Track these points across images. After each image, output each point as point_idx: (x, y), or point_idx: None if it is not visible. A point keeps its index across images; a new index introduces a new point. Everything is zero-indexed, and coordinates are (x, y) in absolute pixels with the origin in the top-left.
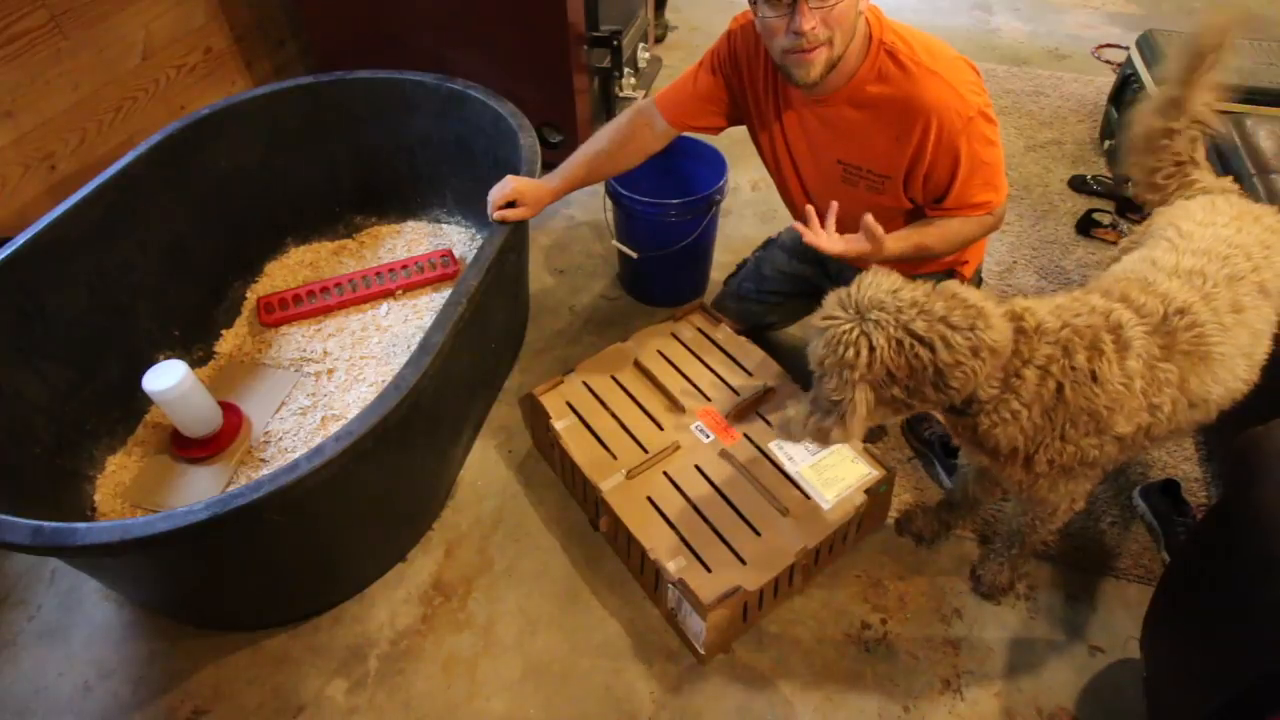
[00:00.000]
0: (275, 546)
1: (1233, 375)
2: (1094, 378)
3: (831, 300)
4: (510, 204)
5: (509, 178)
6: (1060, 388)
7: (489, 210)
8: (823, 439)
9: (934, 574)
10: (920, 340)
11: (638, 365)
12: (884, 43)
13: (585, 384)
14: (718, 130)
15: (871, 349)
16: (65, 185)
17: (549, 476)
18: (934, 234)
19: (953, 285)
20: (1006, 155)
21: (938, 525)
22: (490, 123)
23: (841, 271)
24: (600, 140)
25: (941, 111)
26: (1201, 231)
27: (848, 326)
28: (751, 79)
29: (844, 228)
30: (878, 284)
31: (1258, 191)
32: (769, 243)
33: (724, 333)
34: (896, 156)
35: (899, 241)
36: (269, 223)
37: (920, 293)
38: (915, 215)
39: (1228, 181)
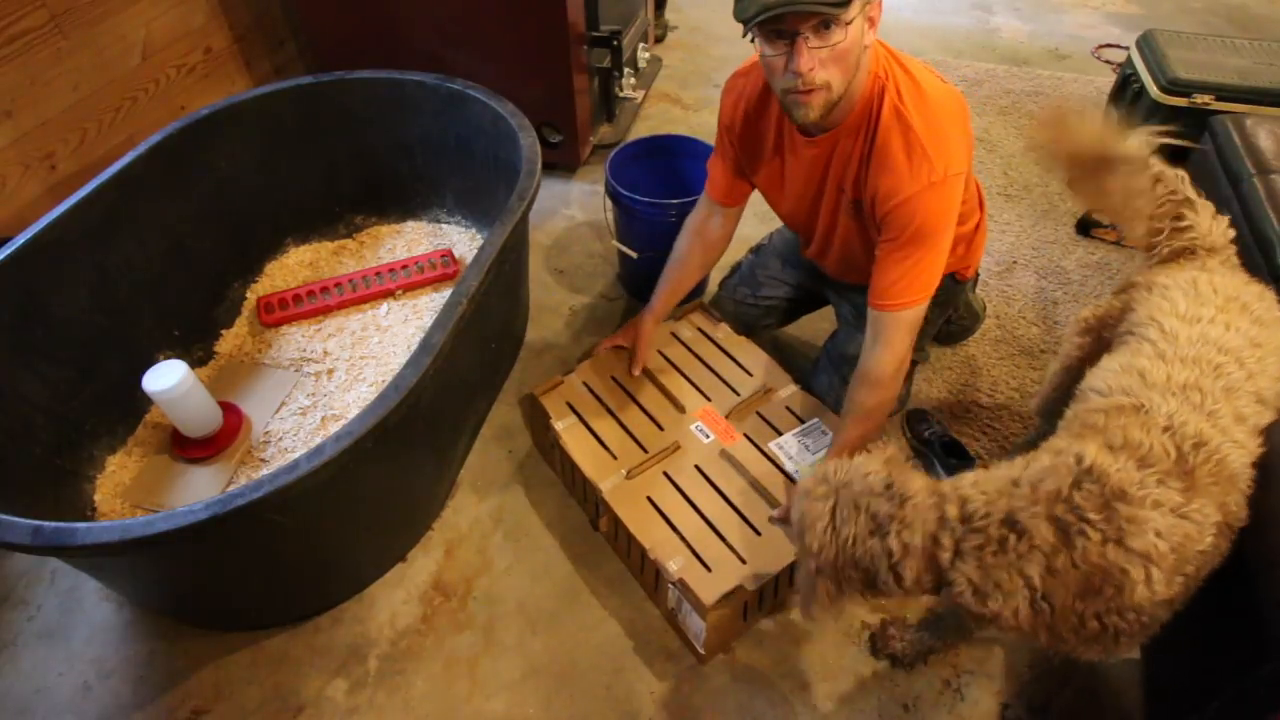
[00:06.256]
0: (275, 546)
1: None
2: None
3: (820, 473)
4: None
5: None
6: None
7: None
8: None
9: None
10: (872, 533)
11: None
12: (878, 77)
13: (585, 384)
14: (753, 188)
15: (824, 534)
16: (65, 185)
17: (549, 476)
18: (872, 391)
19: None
20: (1007, 155)
21: (920, 647)
22: (490, 123)
23: (839, 278)
24: (674, 257)
25: (901, 178)
26: (1188, 331)
27: (819, 506)
28: (758, 117)
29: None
30: (861, 465)
31: (1258, 192)
32: (759, 247)
33: (724, 333)
34: (871, 187)
35: (856, 428)
36: (269, 223)
37: (881, 480)
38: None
39: (1221, 230)
